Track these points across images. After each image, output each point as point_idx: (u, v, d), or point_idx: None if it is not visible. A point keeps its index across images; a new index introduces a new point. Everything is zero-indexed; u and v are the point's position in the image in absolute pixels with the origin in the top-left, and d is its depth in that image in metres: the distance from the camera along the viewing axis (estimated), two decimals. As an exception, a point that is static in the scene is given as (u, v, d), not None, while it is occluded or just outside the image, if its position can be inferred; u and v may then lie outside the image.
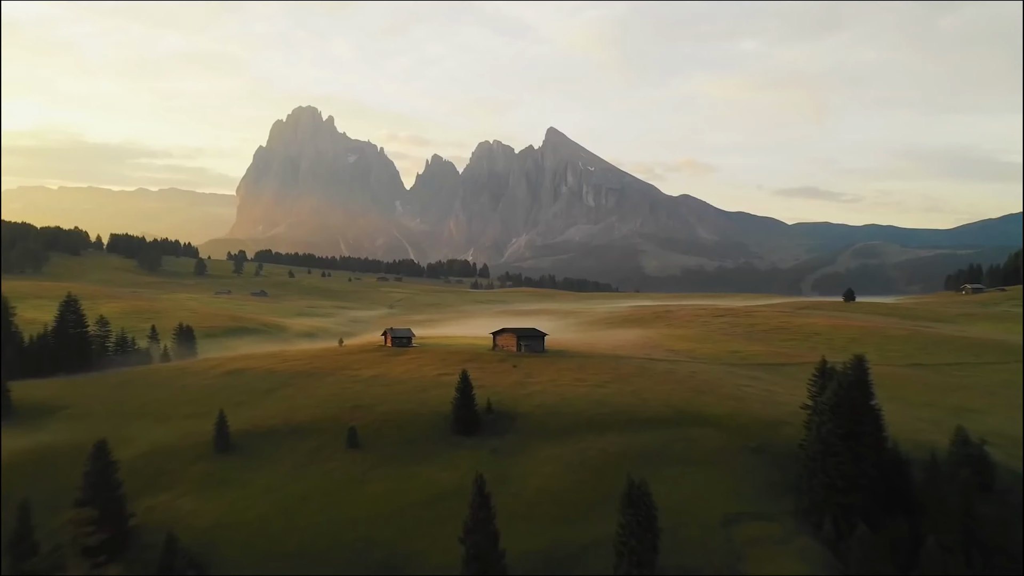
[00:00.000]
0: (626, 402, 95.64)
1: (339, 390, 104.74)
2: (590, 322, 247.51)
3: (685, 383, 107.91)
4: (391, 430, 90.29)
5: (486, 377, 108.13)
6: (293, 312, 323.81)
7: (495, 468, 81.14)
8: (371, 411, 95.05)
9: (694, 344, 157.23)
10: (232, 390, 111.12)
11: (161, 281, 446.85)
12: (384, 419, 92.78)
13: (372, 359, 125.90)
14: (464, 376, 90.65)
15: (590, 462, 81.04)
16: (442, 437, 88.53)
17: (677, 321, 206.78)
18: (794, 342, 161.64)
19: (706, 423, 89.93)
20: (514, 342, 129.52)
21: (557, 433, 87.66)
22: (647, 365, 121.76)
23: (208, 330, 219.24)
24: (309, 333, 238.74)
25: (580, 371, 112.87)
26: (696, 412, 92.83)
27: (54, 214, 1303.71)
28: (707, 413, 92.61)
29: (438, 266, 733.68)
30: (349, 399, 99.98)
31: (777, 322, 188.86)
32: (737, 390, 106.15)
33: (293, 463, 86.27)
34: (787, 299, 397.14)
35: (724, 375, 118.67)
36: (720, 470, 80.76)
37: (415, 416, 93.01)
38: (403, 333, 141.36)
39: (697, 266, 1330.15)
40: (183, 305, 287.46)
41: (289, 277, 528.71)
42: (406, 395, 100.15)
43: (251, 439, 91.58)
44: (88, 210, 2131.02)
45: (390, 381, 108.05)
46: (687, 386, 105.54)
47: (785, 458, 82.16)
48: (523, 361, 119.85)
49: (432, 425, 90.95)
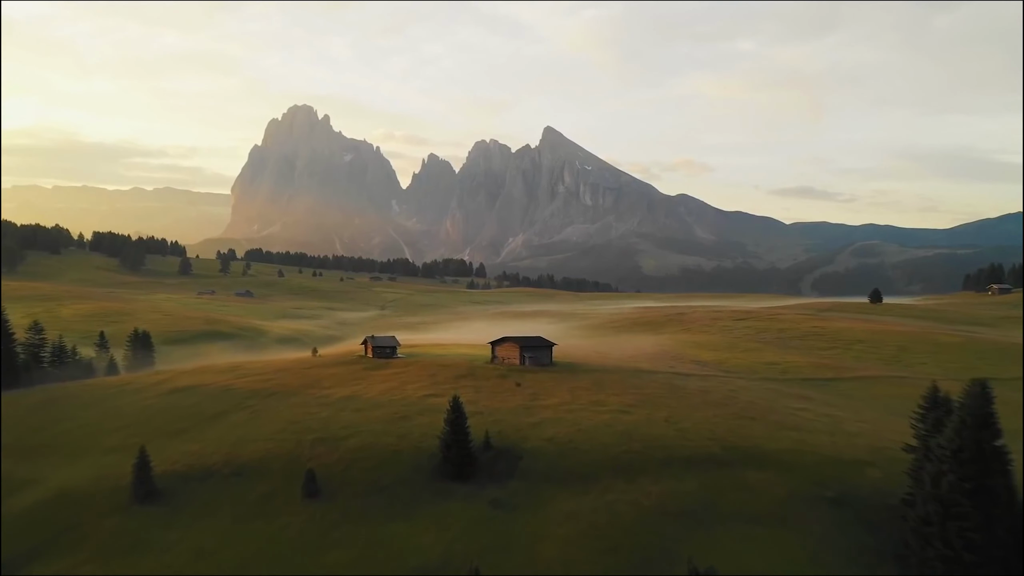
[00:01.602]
0: (659, 434, 75.93)
1: (301, 416, 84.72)
2: (595, 326, 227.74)
3: (726, 406, 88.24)
4: (361, 473, 70.35)
5: (483, 399, 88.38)
6: (276, 314, 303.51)
7: (495, 529, 61.64)
8: (337, 446, 75.06)
9: (721, 353, 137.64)
10: (173, 414, 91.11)
11: (142, 281, 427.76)
12: (353, 457, 72.81)
13: (347, 374, 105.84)
14: (455, 404, 70.68)
15: (621, 520, 61.36)
16: (426, 483, 68.67)
17: (694, 325, 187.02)
18: (835, 351, 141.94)
19: (764, 463, 70.31)
20: (517, 354, 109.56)
21: (575, 478, 67.94)
22: (675, 382, 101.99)
23: (177, 335, 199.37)
24: (289, 338, 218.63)
25: (598, 391, 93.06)
26: (749, 448, 73.20)
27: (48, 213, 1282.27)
28: (764, 449, 72.99)
29: (434, 265, 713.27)
30: (312, 429, 80.00)
31: (808, 327, 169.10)
32: (791, 415, 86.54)
33: (233, 517, 66.32)
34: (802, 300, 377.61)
35: (768, 395, 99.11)
36: (791, 530, 61.19)
37: (393, 454, 73.08)
38: (386, 342, 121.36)
39: (695, 266, 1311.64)
40: (157, 307, 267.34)
41: (278, 277, 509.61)
42: (383, 424, 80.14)
43: (183, 483, 71.64)
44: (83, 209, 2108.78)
45: (365, 404, 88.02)
46: (730, 411, 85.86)
47: (876, 513, 62.88)
48: (528, 377, 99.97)
49: (414, 466, 71.10)
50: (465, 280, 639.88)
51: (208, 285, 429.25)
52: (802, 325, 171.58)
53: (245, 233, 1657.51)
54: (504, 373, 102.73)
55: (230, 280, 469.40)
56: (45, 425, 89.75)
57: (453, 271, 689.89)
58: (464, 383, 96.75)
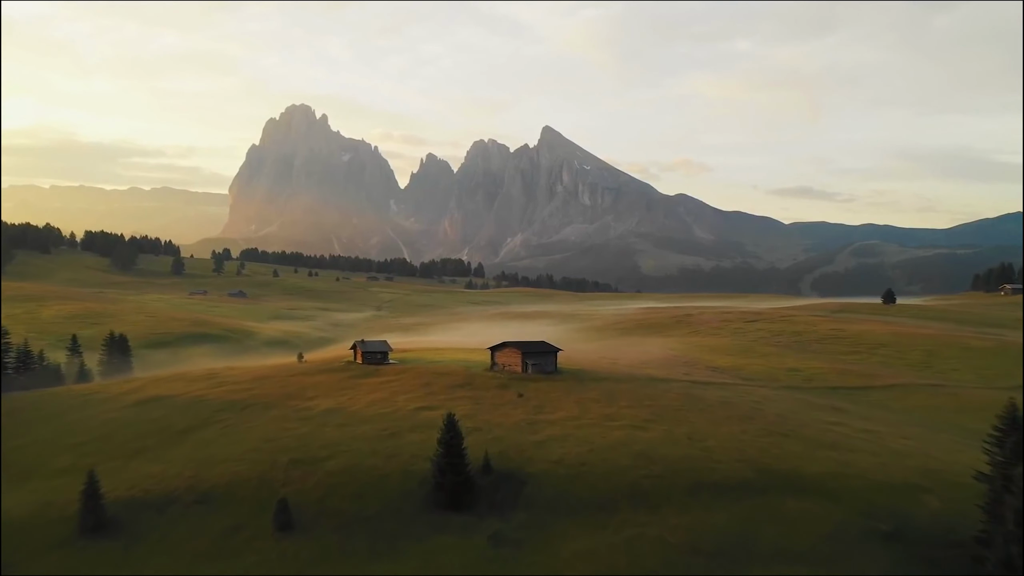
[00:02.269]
0: (682, 455, 66.89)
1: (278, 432, 75.54)
2: (599, 327, 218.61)
3: (753, 420, 79.20)
4: (342, 501, 61.26)
5: (483, 413, 79.26)
6: (269, 315, 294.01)
7: (496, 570, 52.62)
8: (316, 469, 65.92)
9: (737, 358, 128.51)
10: (136, 429, 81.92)
11: (133, 281, 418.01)
12: (333, 482, 63.71)
13: (333, 383, 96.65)
14: (450, 422, 61.61)
15: (644, 560, 52.40)
16: (417, 514, 59.63)
17: (703, 327, 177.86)
18: (859, 355, 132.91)
19: (804, 490, 61.37)
20: (519, 360, 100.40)
21: (589, 508, 58.96)
22: (693, 392, 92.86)
23: (160, 337, 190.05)
24: (279, 340, 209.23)
25: (608, 403, 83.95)
26: (786, 471, 64.21)
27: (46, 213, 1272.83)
28: (802, 473, 63.99)
29: (431, 265, 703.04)
30: (288, 448, 70.81)
31: (825, 329, 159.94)
32: (826, 431, 77.53)
33: (194, 554, 57.24)
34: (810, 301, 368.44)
35: (797, 406, 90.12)
36: (840, 570, 52.32)
37: (379, 479, 63.97)
38: (377, 347, 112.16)
39: (694, 266, 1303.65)
40: (144, 308, 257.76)
41: (273, 277, 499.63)
42: (369, 442, 70.98)
43: (139, 512, 62.51)
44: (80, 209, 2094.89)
45: (350, 418, 78.83)
46: (758, 426, 76.80)
47: (939, 550, 54.03)
48: (531, 387, 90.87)
49: (403, 493, 62.03)
50: (463, 280, 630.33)
51: (201, 285, 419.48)
52: (819, 327, 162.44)
53: (243, 233, 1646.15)
54: (505, 382, 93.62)
55: (224, 280, 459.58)
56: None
57: (451, 271, 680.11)
58: (461, 394, 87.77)
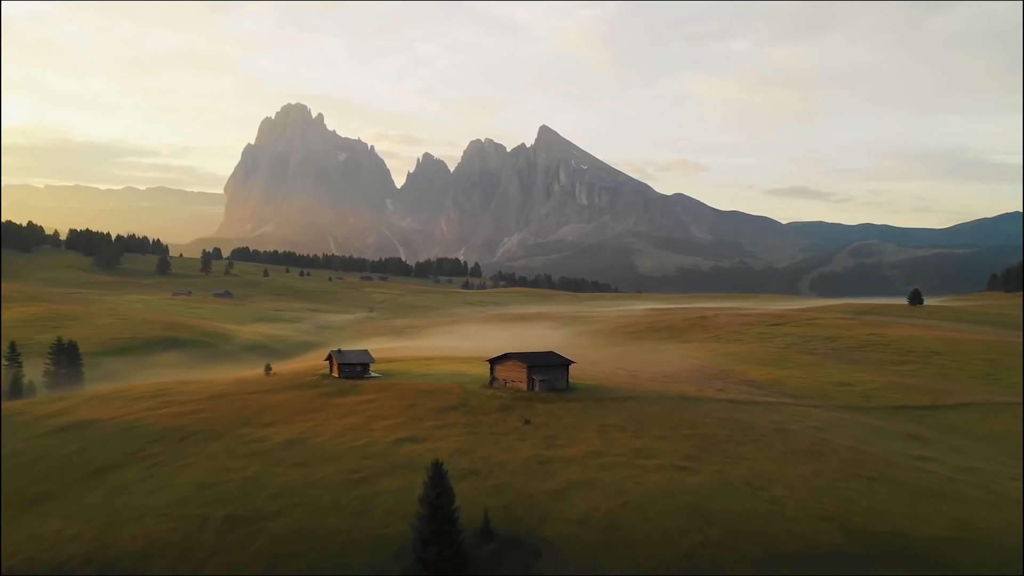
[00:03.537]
0: (744, 509, 50.33)
1: (217, 475, 58.74)
2: (606, 331, 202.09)
3: (823, 457, 62.59)
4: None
5: (481, 447, 62.61)
6: (253, 316, 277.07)
7: None
8: (259, 531, 49.22)
9: (773, 370, 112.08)
10: (44, 465, 65.16)
11: (116, 280, 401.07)
12: (280, 552, 46.95)
13: (300, 403, 79.91)
14: (436, 473, 44.91)
15: None
16: (390, 603, 43.01)
17: (722, 332, 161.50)
18: (911, 366, 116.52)
19: (917, 562, 44.91)
20: (523, 375, 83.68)
21: (629, 596, 42.44)
22: (738, 416, 76.16)
23: (125, 342, 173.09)
24: (257, 344, 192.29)
25: (637, 431, 67.32)
26: (887, 535, 47.69)
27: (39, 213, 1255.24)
28: (911, 538, 47.45)
29: (427, 265, 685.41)
30: (227, 498, 54.09)
31: (863, 334, 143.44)
32: (916, 470, 60.98)
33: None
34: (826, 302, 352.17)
35: (867, 434, 73.60)
36: None
37: (342, 547, 47.27)
38: (356, 358, 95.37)
39: (692, 265, 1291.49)
40: (117, 309, 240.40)
41: (263, 277, 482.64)
42: (332, 491, 54.24)
43: (13, 594, 45.94)
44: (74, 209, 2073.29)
45: (312, 454, 62.08)
46: (831, 464, 60.23)
47: None
48: (540, 410, 74.25)
49: (372, 569, 45.37)
50: (460, 280, 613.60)
51: (187, 285, 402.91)
52: (854, 332, 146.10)
53: (238, 233, 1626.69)
54: (507, 403, 76.94)
55: (211, 280, 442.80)
56: None
57: (447, 271, 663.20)
58: (453, 419, 71.10)
